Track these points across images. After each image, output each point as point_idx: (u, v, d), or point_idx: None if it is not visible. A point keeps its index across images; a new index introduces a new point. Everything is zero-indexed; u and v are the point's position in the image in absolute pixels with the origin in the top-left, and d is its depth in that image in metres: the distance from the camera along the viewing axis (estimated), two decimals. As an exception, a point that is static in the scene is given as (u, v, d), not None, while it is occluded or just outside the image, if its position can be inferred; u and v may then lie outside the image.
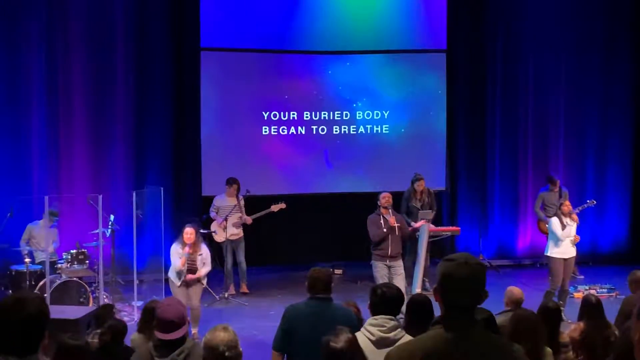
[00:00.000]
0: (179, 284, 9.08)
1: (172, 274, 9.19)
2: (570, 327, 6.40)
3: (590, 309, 6.29)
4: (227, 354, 3.54)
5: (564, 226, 9.74)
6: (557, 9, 13.68)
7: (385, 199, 9.64)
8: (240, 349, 3.63)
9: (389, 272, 9.40)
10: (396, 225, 9.54)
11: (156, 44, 12.47)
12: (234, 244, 11.52)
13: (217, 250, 11.57)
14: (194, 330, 8.99)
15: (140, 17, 12.35)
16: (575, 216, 9.82)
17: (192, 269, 9.12)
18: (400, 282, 9.21)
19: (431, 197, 11.75)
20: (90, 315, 7.42)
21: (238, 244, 11.56)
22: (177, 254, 9.05)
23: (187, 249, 9.01)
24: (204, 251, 9.27)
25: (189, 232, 9.04)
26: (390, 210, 9.68)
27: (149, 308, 6.05)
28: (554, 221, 9.88)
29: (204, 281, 9.39)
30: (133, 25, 12.31)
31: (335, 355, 3.99)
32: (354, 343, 4.08)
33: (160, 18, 12.48)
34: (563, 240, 9.74)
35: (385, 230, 9.49)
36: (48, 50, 11.79)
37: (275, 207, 11.58)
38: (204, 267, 9.23)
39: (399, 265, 9.53)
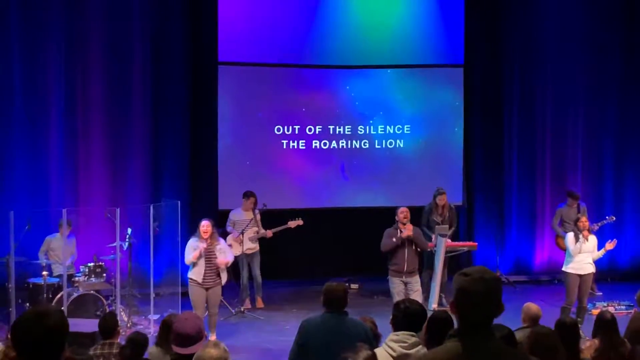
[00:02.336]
0: (201, 279, 9.05)
1: (192, 273, 9.19)
2: (586, 345, 6.34)
3: (605, 326, 6.24)
4: None
5: (577, 242, 9.69)
6: (575, 23, 13.64)
7: (403, 214, 9.50)
8: None
9: (405, 288, 9.28)
10: (410, 234, 9.36)
11: (174, 58, 12.54)
12: (250, 258, 11.56)
13: (232, 264, 11.59)
14: (212, 337, 8.97)
15: (157, 31, 12.42)
16: (586, 233, 9.72)
17: (211, 261, 9.15)
18: (417, 298, 9.07)
19: (452, 213, 11.72)
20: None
21: (254, 257, 11.60)
22: (192, 247, 9.12)
23: (203, 244, 9.08)
24: (222, 242, 9.40)
25: (205, 225, 9.15)
26: (407, 226, 9.55)
27: (167, 322, 6.06)
28: (569, 236, 9.86)
29: (225, 278, 9.37)
30: (150, 40, 12.38)
31: None
32: None
33: (177, 32, 12.54)
34: (575, 256, 9.68)
35: (394, 240, 9.33)
36: (66, 65, 11.87)
37: (292, 223, 11.58)
38: (227, 257, 9.33)
39: (415, 281, 9.40)
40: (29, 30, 11.64)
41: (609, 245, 9.85)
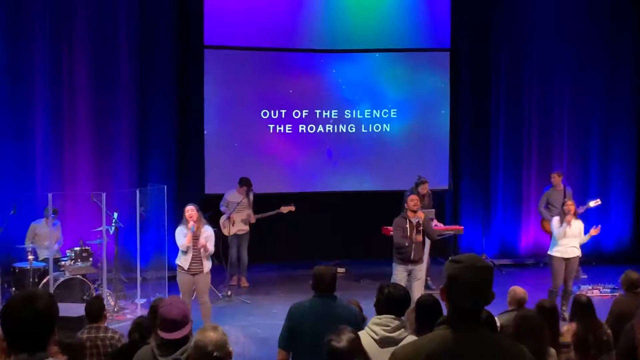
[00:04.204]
0: (186, 266, 8.87)
1: (179, 259, 8.97)
2: (563, 328, 6.38)
3: (582, 309, 6.28)
4: (215, 354, 3.52)
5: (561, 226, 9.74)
6: (561, 7, 13.66)
7: (413, 201, 9.19)
8: (230, 349, 3.62)
9: (408, 276, 9.08)
10: (420, 229, 9.13)
11: (160, 42, 12.47)
12: (239, 239, 11.78)
13: (223, 244, 11.63)
14: None
15: (143, 15, 12.34)
16: (569, 217, 9.72)
17: (197, 247, 8.85)
18: (419, 286, 9.07)
19: (430, 198, 11.72)
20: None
21: (243, 238, 11.81)
22: (182, 234, 8.87)
23: (191, 223, 8.79)
24: (208, 230, 9.03)
25: (189, 210, 8.86)
26: (417, 214, 9.22)
27: (155, 306, 6.04)
28: (555, 220, 9.91)
29: (208, 266, 9.00)
30: (136, 23, 12.30)
31: (337, 355, 3.99)
32: (356, 342, 4.08)
33: (164, 16, 12.47)
34: (560, 240, 9.73)
35: (407, 244, 9.03)
36: (52, 48, 11.78)
37: (284, 209, 11.72)
38: (208, 243, 8.91)
39: (419, 269, 9.19)
40: (12, 11, 11.52)
41: (594, 231, 9.90)
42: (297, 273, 12.34)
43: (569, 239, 9.71)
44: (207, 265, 9.04)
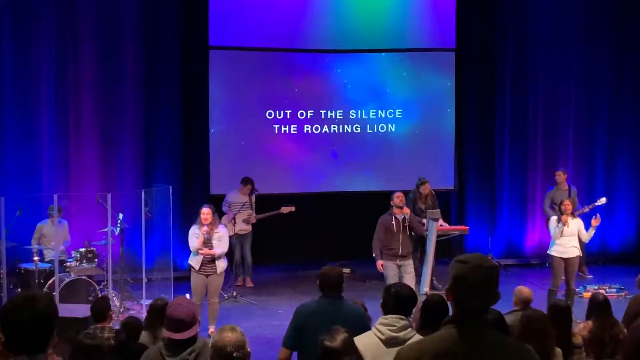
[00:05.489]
0: (197, 267, 8.92)
1: (191, 260, 9.02)
2: (579, 326, 6.38)
3: (598, 308, 6.27)
4: (235, 354, 3.53)
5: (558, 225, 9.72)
6: (565, 5, 13.63)
7: (399, 198, 9.50)
8: (249, 349, 3.62)
9: (399, 271, 9.37)
10: (407, 224, 9.44)
11: (165, 42, 12.48)
12: (242, 239, 11.77)
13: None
14: (211, 329, 8.90)
15: (149, 15, 12.35)
16: (564, 217, 9.70)
17: (209, 248, 8.93)
18: (409, 281, 9.19)
19: (434, 199, 11.73)
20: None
21: (246, 238, 11.82)
22: (195, 235, 8.91)
23: (205, 228, 8.87)
24: (221, 230, 9.09)
25: (205, 212, 8.91)
26: (403, 210, 9.53)
27: (155, 306, 6.07)
28: (552, 220, 9.90)
29: (222, 266, 9.05)
30: (142, 23, 12.32)
31: (330, 355, 4.00)
32: (349, 343, 4.08)
33: (169, 17, 12.48)
34: (557, 240, 9.71)
35: (391, 230, 9.40)
36: (57, 49, 11.81)
37: (284, 210, 11.73)
38: (220, 247, 8.96)
39: (409, 264, 9.49)
40: (18, 12, 11.54)
41: (594, 222, 9.79)
42: (302, 274, 12.35)
43: (568, 238, 9.70)
44: (221, 265, 9.09)
